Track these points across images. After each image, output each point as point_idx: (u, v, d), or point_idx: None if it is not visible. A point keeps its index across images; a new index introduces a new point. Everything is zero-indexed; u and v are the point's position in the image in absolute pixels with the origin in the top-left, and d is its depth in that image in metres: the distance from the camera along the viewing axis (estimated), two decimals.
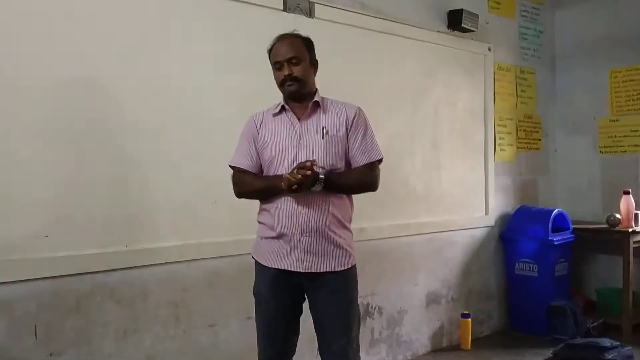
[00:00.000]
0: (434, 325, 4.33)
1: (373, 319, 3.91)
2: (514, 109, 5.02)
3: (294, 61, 2.39)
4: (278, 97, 2.53)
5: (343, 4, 3.73)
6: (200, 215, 3.05)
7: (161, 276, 2.93)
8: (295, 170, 2.23)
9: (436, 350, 4.31)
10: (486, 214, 4.75)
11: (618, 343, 3.98)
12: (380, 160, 2.49)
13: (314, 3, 3.56)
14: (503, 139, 4.90)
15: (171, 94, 2.97)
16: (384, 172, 2.51)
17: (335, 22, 3.63)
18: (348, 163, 2.45)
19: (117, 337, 2.79)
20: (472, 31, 4.50)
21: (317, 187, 2.29)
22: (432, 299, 4.33)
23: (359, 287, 2.48)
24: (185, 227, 3.00)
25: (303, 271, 2.35)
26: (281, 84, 2.42)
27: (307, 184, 2.23)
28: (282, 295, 2.41)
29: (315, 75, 2.49)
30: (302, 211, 2.32)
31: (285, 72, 2.39)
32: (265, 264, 2.41)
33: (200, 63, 3.07)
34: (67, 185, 2.64)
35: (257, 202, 2.48)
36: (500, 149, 4.88)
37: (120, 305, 2.80)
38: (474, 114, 4.65)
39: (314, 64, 2.48)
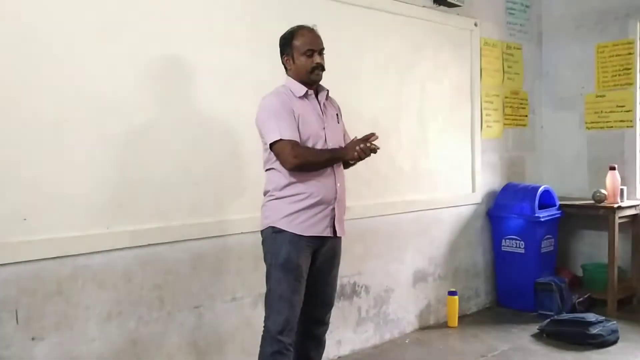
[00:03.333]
0: (421, 303, 4.34)
1: (360, 297, 3.89)
2: (501, 85, 4.99)
3: (322, 53, 2.66)
4: (259, 73, 2.47)
5: None
6: (182, 196, 3.00)
7: (144, 258, 2.89)
8: (362, 145, 2.52)
9: (423, 328, 4.32)
10: (473, 191, 4.74)
11: (603, 318, 4.03)
12: None
13: None
14: (489, 115, 4.87)
15: (149, 71, 2.89)
16: None
17: None
18: None
19: (101, 320, 2.75)
20: (458, 6, 4.44)
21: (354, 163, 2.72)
22: (419, 277, 4.32)
23: (346, 266, 2.53)
24: (168, 208, 2.95)
25: (332, 236, 2.65)
26: (311, 71, 2.62)
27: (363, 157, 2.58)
28: (306, 261, 2.62)
29: None
30: (338, 184, 2.65)
31: (318, 60, 2.62)
32: (300, 233, 2.57)
33: (178, 39, 2.98)
34: (45, 167, 2.57)
35: (244, 180, 2.43)
36: (487, 126, 4.85)
37: (103, 288, 2.76)
38: (460, 90, 4.61)
39: None
